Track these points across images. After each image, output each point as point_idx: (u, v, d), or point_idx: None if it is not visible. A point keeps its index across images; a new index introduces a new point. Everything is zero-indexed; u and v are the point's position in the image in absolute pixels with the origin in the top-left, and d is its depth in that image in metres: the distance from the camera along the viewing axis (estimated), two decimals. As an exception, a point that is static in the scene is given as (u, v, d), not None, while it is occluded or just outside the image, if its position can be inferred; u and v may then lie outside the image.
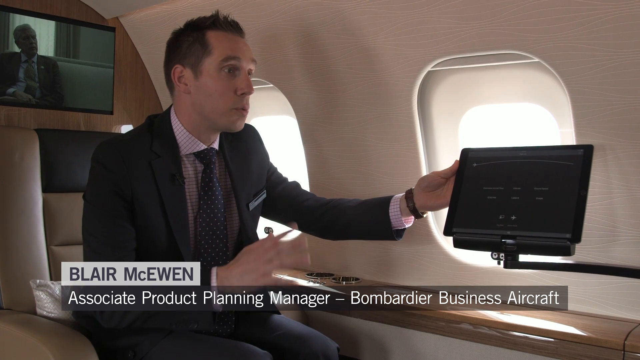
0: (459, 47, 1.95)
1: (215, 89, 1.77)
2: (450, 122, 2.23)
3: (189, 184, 1.83)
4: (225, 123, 1.80)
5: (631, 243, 1.80)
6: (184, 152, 1.83)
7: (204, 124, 1.82)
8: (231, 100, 1.78)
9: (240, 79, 1.79)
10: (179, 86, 1.81)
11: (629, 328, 1.74)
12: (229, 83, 1.78)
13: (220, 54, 1.77)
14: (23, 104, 2.46)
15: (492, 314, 1.94)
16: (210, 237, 1.83)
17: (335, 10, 2.13)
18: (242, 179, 1.92)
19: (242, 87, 1.78)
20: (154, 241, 1.76)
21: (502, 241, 1.67)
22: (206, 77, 1.77)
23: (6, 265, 2.08)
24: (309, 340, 1.80)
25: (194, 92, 1.79)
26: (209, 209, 1.83)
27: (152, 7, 2.60)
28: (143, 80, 2.93)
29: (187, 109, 1.82)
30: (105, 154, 1.75)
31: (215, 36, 1.79)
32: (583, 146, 1.68)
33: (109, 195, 1.73)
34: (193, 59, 1.79)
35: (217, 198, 1.85)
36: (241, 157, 1.95)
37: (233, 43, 1.80)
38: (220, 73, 1.77)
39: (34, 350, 1.72)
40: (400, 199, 1.92)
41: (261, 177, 2.02)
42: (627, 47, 1.64)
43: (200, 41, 1.78)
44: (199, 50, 1.78)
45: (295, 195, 2.07)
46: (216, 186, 1.85)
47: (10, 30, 2.15)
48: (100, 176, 1.75)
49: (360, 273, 2.47)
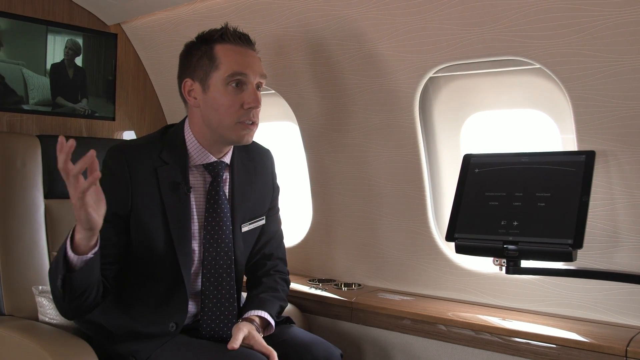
0: (461, 53, 1.95)
1: (222, 103, 1.77)
2: (452, 128, 2.24)
3: (197, 194, 1.83)
4: (233, 137, 1.80)
5: (633, 249, 1.81)
6: (194, 162, 1.83)
7: (214, 137, 1.82)
8: (237, 114, 1.77)
9: (247, 93, 1.78)
10: (189, 100, 1.83)
11: (631, 334, 1.74)
12: (236, 97, 1.77)
13: (227, 69, 1.76)
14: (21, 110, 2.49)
15: (494, 320, 1.94)
16: (215, 249, 1.83)
17: (337, 17, 2.13)
18: (241, 199, 1.91)
19: (249, 102, 1.77)
20: (152, 248, 1.77)
21: (504, 247, 1.67)
22: (214, 91, 1.78)
23: (8, 271, 2.08)
24: (312, 346, 1.79)
25: (202, 105, 1.80)
26: (213, 221, 1.83)
27: (154, 14, 2.61)
28: (145, 86, 2.93)
29: (197, 121, 1.83)
30: (112, 157, 1.77)
31: (224, 50, 1.78)
32: (585, 152, 1.68)
33: (107, 200, 1.72)
34: (201, 73, 1.79)
35: (223, 211, 1.85)
36: (247, 177, 1.95)
37: (241, 57, 1.79)
38: (228, 87, 1.77)
39: (35, 356, 1.72)
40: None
41: (262, 205, 1.99)
42: (628, 53, 1.65)
43: (208, 55, 1.78)
44: (207, 64, 1.78)
45: (263, 244, 2.02)
46: (222, 199, 1.85)
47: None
48: (104, 180, 1.75)
49: (362, 279, 2.47)
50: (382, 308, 2.13)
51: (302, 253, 2.64)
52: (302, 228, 2.67)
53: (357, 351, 2.18)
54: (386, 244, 2.36)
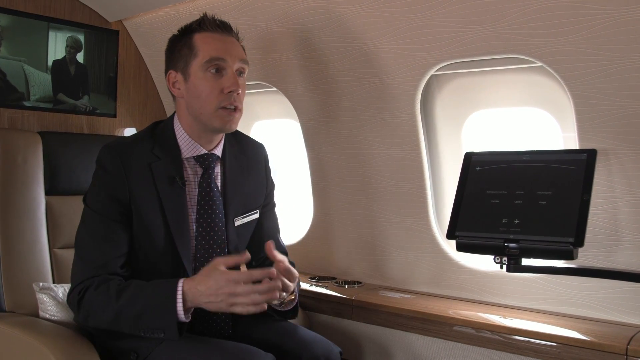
0: (462, 51, 1.95)
1: (203, 90, 1.78)
2: (453, 126, 2.23)
3: (189, 187, 1.84)
4: (216, 124, 1.80)
5: (634, 247, 1.80)
6: (185, 155, 1.85)
7: (199, 126, 1.83)
8: (218, 99, 1.78)
9: (226, 77, 1.79)
10: (174, 91, 1.85)
11: (631, 333, 1.74)
12: (215, 82, 1.78)
13: (205, 55, 1.78)
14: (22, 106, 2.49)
15: (494, 318, 1.94)
16: (208, 242, 1.83)
17: (338, 14, 2.13)
18: (234, 192, 1.91)
19: (229, 86, 1.78)
20: (153, 242, 1.78)
21: (505, 245, 1.67)
22: (194, 78, 1.79)
23: (9, 268, 2.08)
24: (312, 344, 1.79)
25: (186, 95, 1.82)
26: (205, 214, 1.83)
27: (155, 11, 2.61)
28: (146, 83, 2.93)
29: (184, 113, 1.85)
30: (106, 156, 1.79)
31: (202, 38, 1.80)
32: (586, 150, 1.68)
33: (106, 200, 1.76)
34: (182, 63, 1.81)
35: (216, 203, 1.85)
36: (240, 171, 1.95)
37: (219, 43, 1.80)
38: (207, 74, 1.78)
39: (36, 353, 1.72)
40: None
41: (255, 199, 1.99)
42: (630, 52, 1.65)
43: (187, 45, 1.80)
44: (187, 54, 1.80)
45: (259, 236, 2.00)
46: (214, 191, 1.85)
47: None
48: (100, 180, 1.79)
49: (362, 277, 2.47)
50: (383, 306, 2.13)
51: (302, 250, 2.64)
52: (302, 225, 2.67)
53: (357, 349, 2.18)
54: (387, 242, 2.36)
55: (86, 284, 1.70)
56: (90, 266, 1.72)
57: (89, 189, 1.82)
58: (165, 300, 1.60)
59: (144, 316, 1.62)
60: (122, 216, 1.76)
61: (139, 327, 1.63)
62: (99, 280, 1.69)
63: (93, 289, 1.69)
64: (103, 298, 1.66)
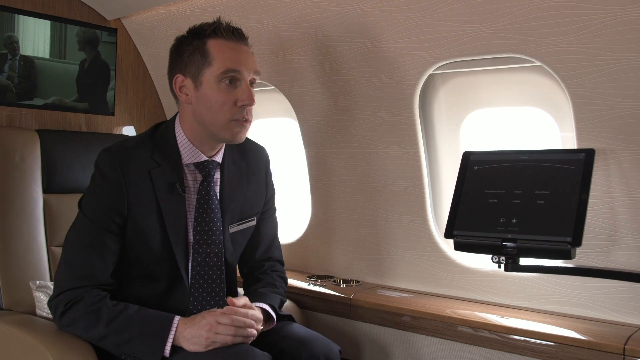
0: (461, 50, 1.95)
1: (215, 100, 1.74)
2: (451, 125, 2.24)
3: (188, 193, 1.81)
4: (226, 135, 1.78)
5: (632, 247, 1.80)
6: (186, 161, 1.81)
7: (205, 134, 1.80)
8: (231, 112, 1.75)
9: (241, 90, 1.75)
10: (181, 96, 1.80)
11: (629, 332, 1.74)
12: (229, 94, 1.74)
13: (220, 65, 1.73)
14: (20, 102, 2.48)
15: (492, 317, 1.94)
16: (205, 250, 1.82)
17: (338, 13, 2.13)
18: (229, 200, 1.89)
19: (243, 99, 1.75)
20: (150, 249, 1.76)
21: (503, 244, 1.67)
22: (206, 88, 1.74)
23: (6, 266, 2.08)
24: (311, 342, 1.78)
25: (194, 102, 1.77)
26: (203, 221, 1.82)
27: (154, 9, 2.61)
28: (145, 81, 2.93)
29: (189, 118, 1.80)
30: (105, 162, 1.75)
31: (216, 45, 1.75)
32: (584, 150, 1.68)
33: (101, 209, 1.73)
34: (193, 69, 1.76)
35: (214, 211, 1.83)
36: (238, 177, 1.92)
37: (235, 53, 1.76)
38: (221, 84, 1.74)
39: (33, 351, 1.72)
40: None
41: (253, 206, 1.97)
42: (629, 52, 1.65)
43: (200, 50, 1.75)
44: (199, 60, 1.75)
45: (263, 250, 2.03)
46: (213, 199, 1.83)
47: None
48: (97, 187, 1.75)
49: (361, 276, 2.47)
50: (381, 305, 2.13)
51: (300, 249, 2.64)
52: (301, 224, 2.67)
53: (355, 348, 2.18)
54: (385, 241, 2.36)
55: (73, 296, 1.69)
56: (76, 275, 1.71)
57: (86, 194, 1.78)
58: (156, 335, 1.63)
59: (130, 344, 1.63)
60: (116, 226, 1.73)
61: (121, 351, 1.65)
62: (88, 297, 1.68)
63: (82, 306, 1.67)
64: (92, 319, 1.66)
